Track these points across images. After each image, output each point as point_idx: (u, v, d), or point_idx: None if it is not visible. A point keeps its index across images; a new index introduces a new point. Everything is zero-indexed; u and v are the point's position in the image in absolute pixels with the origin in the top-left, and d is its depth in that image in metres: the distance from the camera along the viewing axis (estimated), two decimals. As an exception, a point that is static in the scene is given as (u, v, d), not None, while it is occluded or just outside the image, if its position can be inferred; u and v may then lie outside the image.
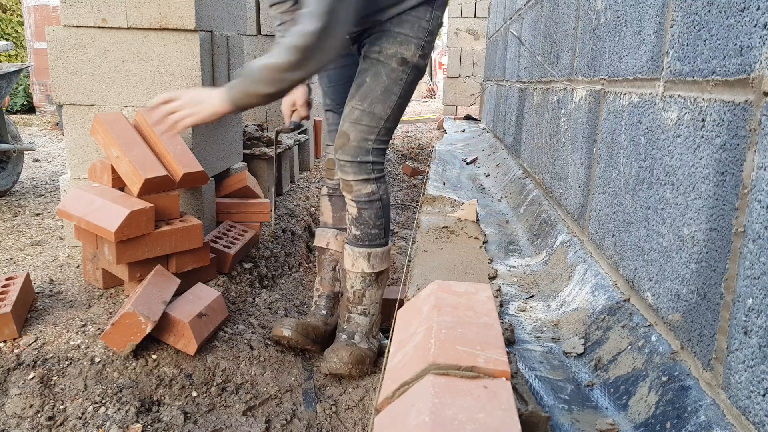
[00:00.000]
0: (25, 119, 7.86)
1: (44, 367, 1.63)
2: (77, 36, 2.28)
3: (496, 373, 0.56)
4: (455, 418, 0.49)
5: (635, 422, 0.91)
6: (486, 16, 7.73)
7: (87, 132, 2.37)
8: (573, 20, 1.95)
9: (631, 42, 1.32)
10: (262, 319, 2.14)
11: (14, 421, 1.50)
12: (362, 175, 1.74)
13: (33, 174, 4.35)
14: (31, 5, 7.82)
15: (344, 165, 1.73)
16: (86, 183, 2.24)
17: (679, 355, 0.96)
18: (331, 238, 2.00)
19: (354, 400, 1.74)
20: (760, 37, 0.77)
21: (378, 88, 1.68)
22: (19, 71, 3.81)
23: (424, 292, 0.79)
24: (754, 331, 0.73)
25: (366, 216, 1.78)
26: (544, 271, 1.71)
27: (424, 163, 5.65)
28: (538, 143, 2.53)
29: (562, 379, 1.10)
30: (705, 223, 0.90)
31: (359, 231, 1.80)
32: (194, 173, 2.04)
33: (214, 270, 2.23)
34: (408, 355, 0.64)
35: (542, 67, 2.51)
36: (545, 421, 0.77)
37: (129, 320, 1.65)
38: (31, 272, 2.19)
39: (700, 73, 0.95)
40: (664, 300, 1.04)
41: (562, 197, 1.96)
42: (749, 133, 0.78)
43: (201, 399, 1.68)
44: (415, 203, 3.99)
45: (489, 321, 0.67)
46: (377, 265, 1.83)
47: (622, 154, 1.33)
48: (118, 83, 2.32)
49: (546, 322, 1.38)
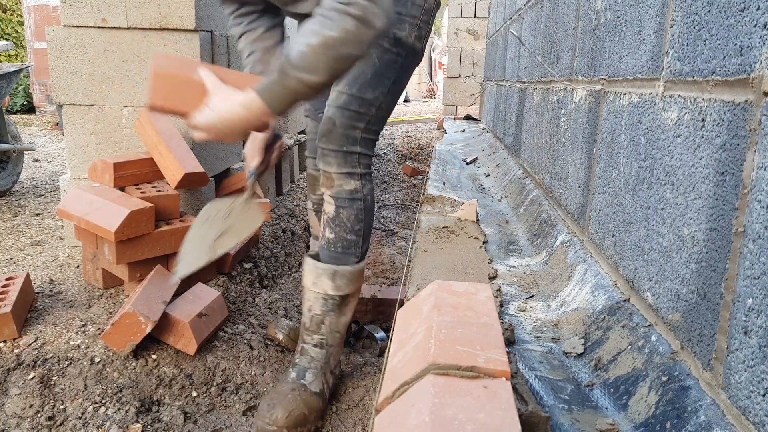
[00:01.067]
0: (25, 119, 7.86)
1: (44, 367, 1.63)
2: (77, 36, 2.28)
3: (496, 373, 0.56)
4: (455, 418, 0.49)
5: (635, 422, 0.91)
6: (486, 16, 7.73)
7: (87, 132, 2.37)
8: (573, 20, 1.95)
9: (631, 42, 1.32)
10: (262, 319, 2.13)
11: (14, 421, 1.50)
12: (346, 168, 1.53)
13: (33, 174, 4.35)
14: (31, 5, 7.82)
15: (327, 154, 1.53)
16: (86, 183, 2.24)
17: (679, 355, 0.96)
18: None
19: (354, 400, 1.74)
20: (760, 37, 0.77)
21: (369, 71, 1.49)
22: (19, 71, 3.81)
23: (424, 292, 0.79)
24: (754, 331, 0.73)
25: (344, 216, 1.55)
26: (544, 271, 1.71)
27: (424, 163, 5.65)
28: (538, 143, 2.53)
29: (562, 379, 1.10)
30: (705, 223, 0.90)
31: (333, 234, 1.56)
32: (195, 174, 2.04)
33: (214, 270, 2.23)
34: (408, 355, 0.64)
35: (542, 67, 2.51)
36: (545, 421, 0.77)
37: (129, 320, 1.65)
38: (31, 272, 2.19)
39: (700, 73, 0.95)
40: (664, 300, 1.04)
41: (562, 197, 1.97)
42: (749, 133, 0.78)
43: (201, 399, 1.68)
44: (415, 203, 3.99)
45: (489, 321, 0.67)
46: (343, 286, 1.56)
47: (622, 154, 1.33)
48: (118, 83, 2.32)
49: (546, 322, 1.38)
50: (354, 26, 1.08)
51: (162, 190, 2.02)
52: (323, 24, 1.09)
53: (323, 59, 1.10)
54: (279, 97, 1.16)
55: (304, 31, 1.12)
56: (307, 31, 1.10)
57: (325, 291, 1.56)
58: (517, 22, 3.67)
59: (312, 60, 1.10)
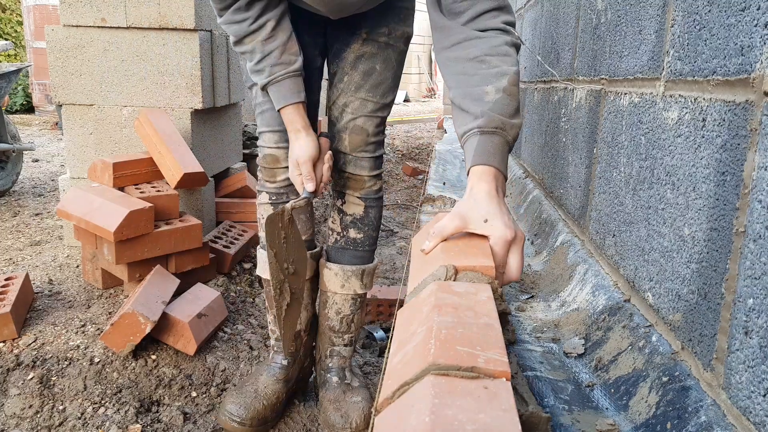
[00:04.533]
0: (25, 119, 7.86)
1: (44, 367, 1.63)
2: (77, 36, 2.28)
3: (497, 374, 0.56)
4: (455, 419, 0.48)
5: (636, 423, 0.91)
6: (486, 16, 7.70)
7: (86, 132, 2.37)
8: (573, 20, 1.94)
9: (631, 41, 1.32)
10: (261, 319, 2.13)
11: (14, 422, 1.50)
12: (376, 170, 1.56)
13: (32, 174, 4.35)
14: (30, 5, 7.82)
15: (361, 160, 1.52)
16: (86, 183, 2.24)
17: (679, 355, 0.96)
18: None
19: (354, 401, 1.73)
20: (760, 37, 0.77)
21: (389, 75, 1.48)
22: (18, 71, 3.81)
23: (424, 292, 0.79)
24: (755, 331, 0.73)
25: (373, 216, 1.58)
26: (545, 271, 1.71)
27: (424, 163, 5.64)
28: (538, 143, 2.53)
29: (563, 379, 1.09)
30: (705, 223, 0.89)
31: (361, 234, 1.57)
32: (195, 174, 2.04)
33: (213, 270, 2.23)
34: (408, 355, 0.64)
35: (542, 67, 2.51)
36: (546, 422, 0.77)
37: (128, 320, 1.64)
38: (31, 272, 2.18)
39: (700, 72, 0.95)
40: (665, 300, 1.04)
41: (562, 197, 1.96)
42: (750, 132, 0.78)
43: (200, 399, 1.68)
44: (415, 203, 3.99)
45: (489, 321, 0.67)
46: (369, 283, 1.61)
47: (623, 153, 1.33)
48: (118, 83, 2.32)
49: (546, 322, 1.38)
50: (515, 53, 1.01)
51: (161, 190, 2.02)
52: (503, 61, 0.98)
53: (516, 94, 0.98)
54: (506, 157, 0.97)
55: (479, 78, 0.98)
56: (488, 76, 0.97)
57: (355, 291, 1.58)
58: (517, 21, 3.67)
59: (512, 102, 0.97)
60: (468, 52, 1.00)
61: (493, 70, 0.97)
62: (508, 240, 0.87)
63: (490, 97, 0.95)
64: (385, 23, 1.44)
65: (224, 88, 2.60)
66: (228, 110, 2.78)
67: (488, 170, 0.92)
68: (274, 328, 1.63)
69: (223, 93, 2.59)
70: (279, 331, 1.45)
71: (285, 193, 1.55)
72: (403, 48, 1.49)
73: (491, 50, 0.98)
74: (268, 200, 1.56)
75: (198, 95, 2.32)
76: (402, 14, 1.44)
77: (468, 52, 1.00)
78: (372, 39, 1.45)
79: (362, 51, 1.46)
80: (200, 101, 2.33)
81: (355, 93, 1.46)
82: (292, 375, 1.65)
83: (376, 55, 1.45)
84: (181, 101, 2.33)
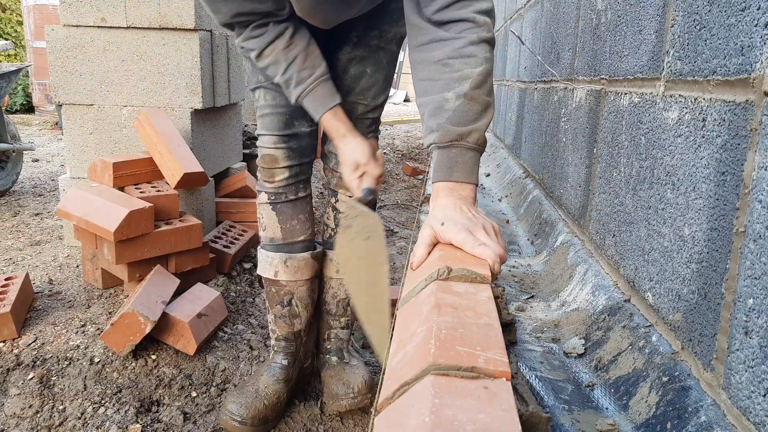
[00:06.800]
0: (25, 119, 7.86)
1: (44, 367, 1.63)
2: (77, 35, 2.28)
3: (497, 374, 0.56)
4: (455, 419, 0.48)
5: (636, 423, 0.91)
6: (486, 15, 7.70)
7: (86, 132, 2.37)
8: (574, 20, 1.94)
9: (631, 42, 1.32)
10: (261, 319, 2.13)
11: (14, 422, 1.50)
12: None
13: (32, 174, 4.34)
14: (30, 5, 7.82)
15: None
16: (86, 183, 2.24)
17: (679, 355, 0.96)
18: (279, 266, 1.57)
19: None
20: (760, 37, 0.77)
21: (380, 77, 1.49)
22: (18, 71, 3.81)
23: (424, 292, 0.79)
24: (755, 331, 0.73)
25: None
26: (545, 271, 1.71)
27: (424, 163, 5.64)
28: (538, 143, 2.53)
29: (563, 379, 1.09)
30: (706, 223, 0.89)
31: None
32: (195, 174, 2.04)
33: (213, 270, 2.23)
34: (408, 355, 0.64)
35: (543, 67, 2.51)
36: (546, 422, 0.77)
37: (128, 320, 1.64)
38: (31, 272, 2.18)
39: (700, 72, 0.95)
40: (665, 300, 1.04)
41: (562, 197, 1.96)
42: (750, 132, 0.78)
43: (200, 399, 1.68)
44: (415, 203, 3.99)
45: (489, 321, 0.67)
46: None
47: (623, 153, 1.33)
48: (118, 83, 2.32)
49: (546, 322, 1.38)
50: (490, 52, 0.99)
51: (161, 190, 2.02)
52: (466, 64, 0.97)
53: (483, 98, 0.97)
54: (469, 163, 0.97)
55: (442, 84, 0.98)
56: (450, 81, 0.97)
57: None
58: (517, 21, 3.67)
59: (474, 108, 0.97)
60: (432, 54, 1.00)
61: (456, 75, 0.97)
62: (466, 227, 0.89)
63: (450, 105, 0.96)
64: (376, 26, 1.44)
65: (224, 87, 2.60)
66: (228, 110, 2.78)
67: (443, 186, 0.96)
68: (275, 327, 1.64)
69: (223, 93, 2.59)
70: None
71: (284, 192, 1.55)
72: (395, 49, 1.50)
73: (454, 53, 0.98)
74: (268, 200, 1.57)
75: (198, 95, 2.32)
76: (396, 15, 1.43)
77: (432, 55, 1.00)
78: (363, 43, 1.45)
79: (353, 55, 1.46)
80: (200, 101, 2.33)
81: (345, 97, 1.45)
82: (293, 375, 1.66)
83: (366, 59, 1.46)
84: (181, 101, 2.33)
